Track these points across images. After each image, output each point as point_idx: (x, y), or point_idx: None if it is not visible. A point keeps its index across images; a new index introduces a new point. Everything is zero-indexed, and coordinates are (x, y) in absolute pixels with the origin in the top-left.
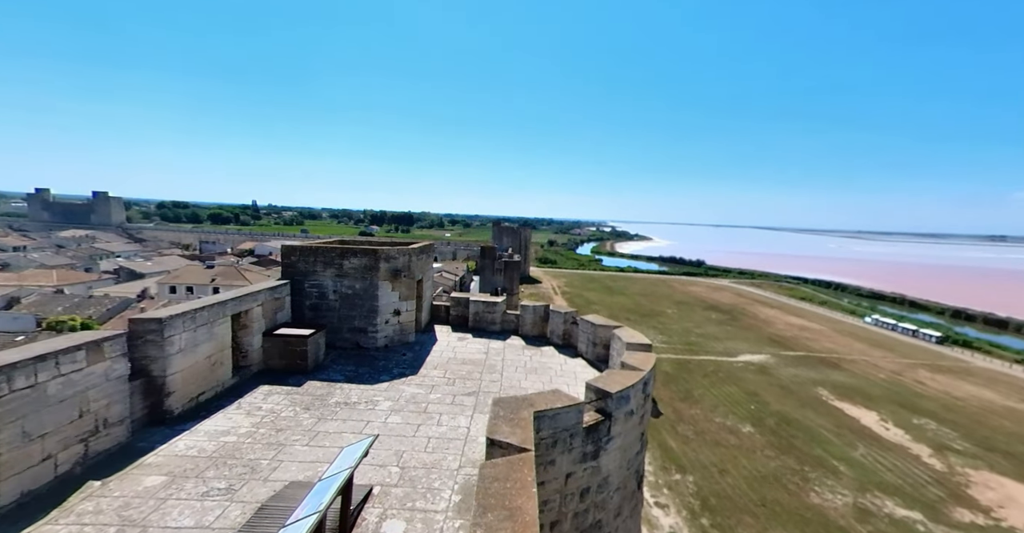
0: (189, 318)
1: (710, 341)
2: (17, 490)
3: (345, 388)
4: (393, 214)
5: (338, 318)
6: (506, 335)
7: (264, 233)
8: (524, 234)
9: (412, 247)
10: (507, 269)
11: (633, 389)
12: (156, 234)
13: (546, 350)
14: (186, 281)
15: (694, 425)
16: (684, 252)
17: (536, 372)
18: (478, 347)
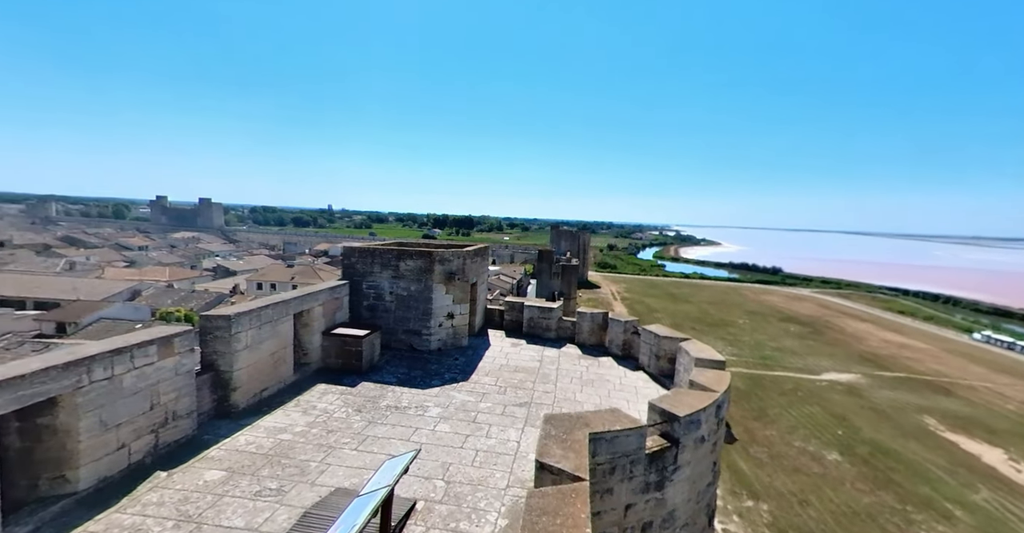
0: (255, 316)
1: (788, 356)
2: (94, 476)
3: (396, 391)
4: (454, 217)
5: (393, 319)
6: (561, 343)
7: (337, 235)
8: (582, 238)
9: (466, 250)
10: (565, 273)
11: (704, 413)
12: (248, 236)
13: (604, 361)
14: (270, 278)
15: (769, 447)
16: (757, 258)
17: (592, 385)
18: (532, 354)
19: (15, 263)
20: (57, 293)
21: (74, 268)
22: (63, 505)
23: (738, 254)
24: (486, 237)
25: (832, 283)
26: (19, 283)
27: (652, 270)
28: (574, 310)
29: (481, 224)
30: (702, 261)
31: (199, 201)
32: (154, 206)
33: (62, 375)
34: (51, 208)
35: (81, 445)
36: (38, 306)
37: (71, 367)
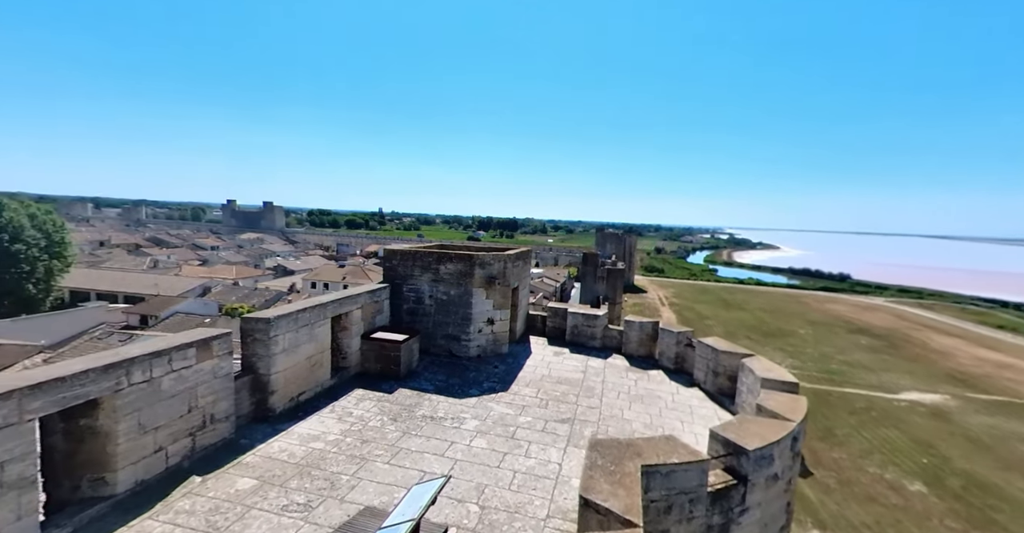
0: (292, 319)
1: (858, 371)
2: (132, 479)
3: (433, 400)
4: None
5: (433, 324)
6: (607, 352)
7: (387, 237)
8: (629, 241)
9: (508, 253)
10: (610, 277)
11: (778, 447)
12: (306, 237)
13: (654, 374)
14: (323, 278)
15: (837, 472)
16: (822, 264)
17: (642, 401)
18: (575, 364)
19: (111, 261)
20: (142, 288)
21: (157, 266)
22: (100, 508)
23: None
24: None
25: (912, 292)
26: (113, 279)
27: (703, 275)
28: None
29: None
30: (758, 266)
31: (263, 205)
32: (225, 209)
33: (101, 377)
34: (142, 212)
35: (119, 448)
36: (127, 300)
37: (110, 369)
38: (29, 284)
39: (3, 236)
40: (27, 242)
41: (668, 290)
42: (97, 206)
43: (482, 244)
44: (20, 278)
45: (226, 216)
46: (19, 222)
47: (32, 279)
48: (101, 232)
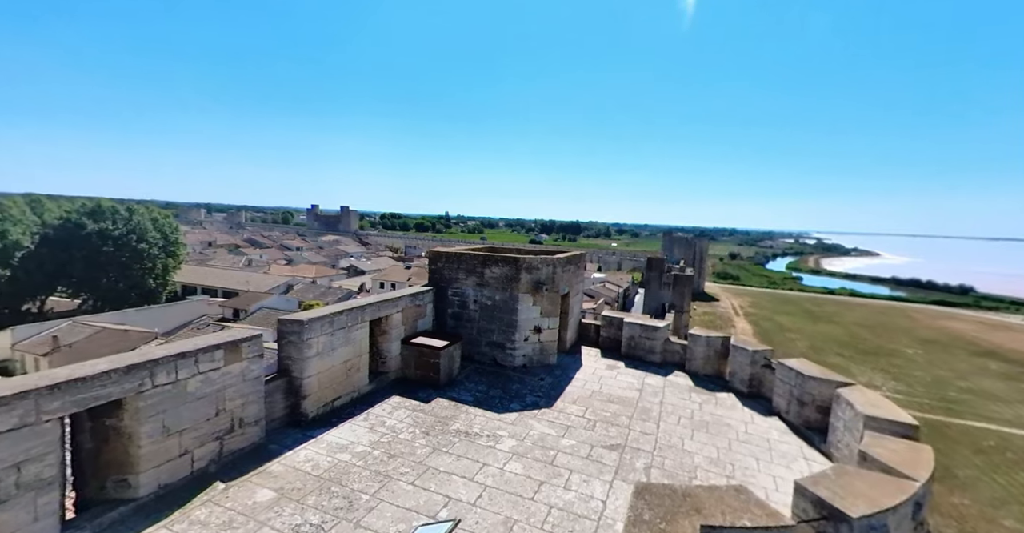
0: (327, 322)
1: (986, 401)
2: (155, 483)
3: (471, 413)
4: (561, 223)
5: (477, 330)
6: (668, 369)
7: (451, 240)
8: (699, 245)
9: (557, 257)
10: (677, 283)
11: (894, 515)
12: (377, 239)
13: (723, 397)
14: (391, 278)
15: (960, 521)
16: (934, 273)
17: (707, 429)
18: (630, 381)
19: (215, 259)
20: (237, 284)
21: (251, 264)
22: (121, 511)
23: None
24: (593, 243)
25: None
26: (215, 275)
27: (785, 283)
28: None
29: (588, 230)
30: (853, 274)
31: (341, 209)
32: (309, 213)
33: (124, 378)
34: (242, 216)
35: (142, 450)
36: (225, 294)
37: (133, 370)
38: (150, 279)
39: (132, 237)
40: (149, 242)
41: (743, 298)
42: (208, 211)
43: (534, 247)
44: (143, 273)
45: (310, 219)
46: (144, 225)
47: (152, 274)
48: (209, 234)
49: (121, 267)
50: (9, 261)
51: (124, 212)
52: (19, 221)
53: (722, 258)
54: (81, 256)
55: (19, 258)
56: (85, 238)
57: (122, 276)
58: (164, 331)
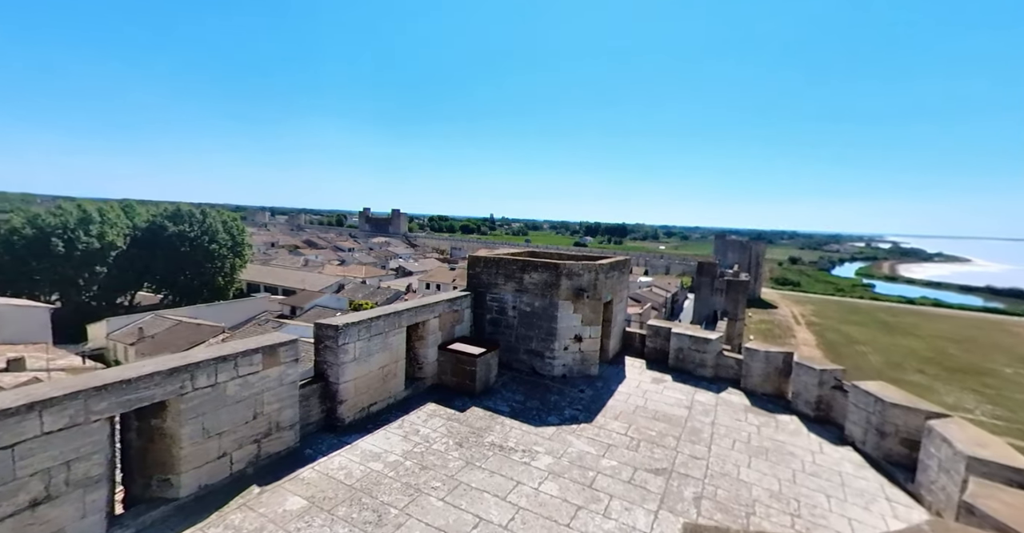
0: (364, 327)
1: None
2: (196, 483)
3: (506, 425)
4: (607, 225)
5: (515, 337)
6: (720, 385)
7: (495, 242)
8: (755, 249)
9: (600, 263)
10: (730, 289)
11: None
12: (425, 241)
13: (784, 421)
14: (436, 279)
15: None
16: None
17: (766, 457)
18: (679, 397)
19: (276, 259)
20: (294, 283)
21: (308, 264)
22: (164, 510)
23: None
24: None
25: None
26: (276, 274)
27: (854, 290)
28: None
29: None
30: (937, 282)
31: (391, 212)
32: (361, 216)
33: (166, 381)
34: (301, 218)
35: (183, 451)
36: (284, 292)
37: (175, 373)
38: (219, 277)
39: (205, 238)
40: (220, 243)
41: (805, 306)
42: (272, 214)
43: (576, 251)
44: (214, 272)
45: (361, 222)
46: (216, 227)
47: (222, 273)
48: (272, 235)
49: (196, 266)
50: (106, 260)
51: (199, 215)
52: (115, 224)
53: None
54: (163, 255)
55: (114, 257)
56: (167, 239)
57: (196, 274)
58: (230, 325)
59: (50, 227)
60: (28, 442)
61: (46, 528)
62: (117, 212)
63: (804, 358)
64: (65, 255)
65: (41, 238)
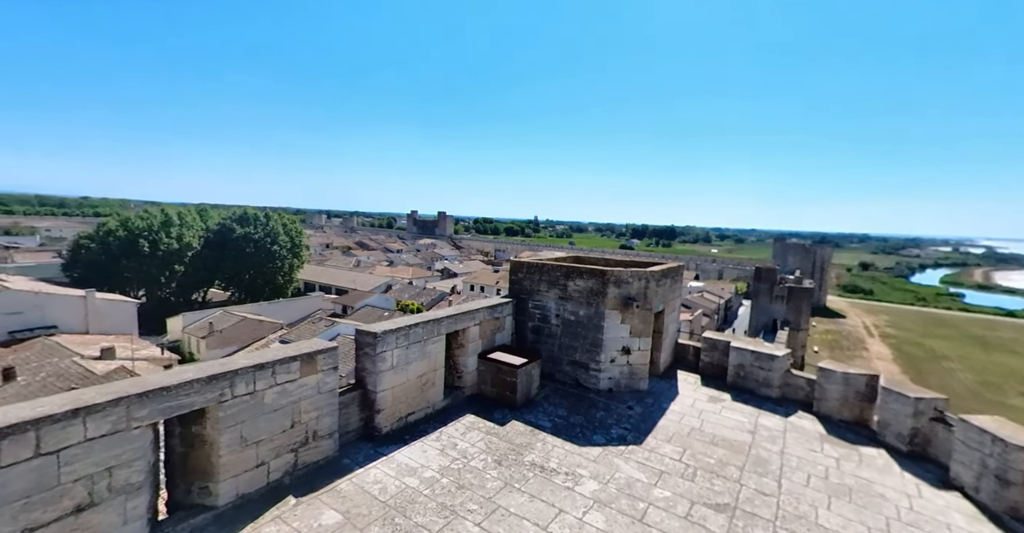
0: (402, 335)
1: None
2: (233, 492)
3: (548, 442)
4: (654, 228)
5: (559, 347)
6: (788, 407)
7: (539, 244)
8: (821, 253)
9: (651, 270)
10: (792, 296)
11: None
12: (470, 243)
13: (870, 454)
14: (480, 281)
15: None
16: None
17: (850, 498)
18: (740, 419)
19: (331, 260)
20: (346, 283)
21: (359, 265)
22: (203, 518)
23: None
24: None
25: None
26: (329, 274)
27: (939, 300)
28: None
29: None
30: None
31: (437, 214)
32: (409, 218)
33: (205, 388)
34: (354, 221)
35: (222, 459)
36: (337, 292)
37: (213, 381)
38: (279, 276)
39: (267, 240)
40: (280, 245)
41: (878, 317)
42: (328, 216)
43: (624, 257)
44: (274, 271)
45: (409, 224)
46: (277, 229)
47: (281, 272)
48: (328, 237)
49: (259, 265)
50: (183, 259)
51: (263, 218)
52: (191, 226)
53: (850, 268)
54: (231, 256)
55: (190, 257)
56: (234, 241)
57: (259, 273)
58: (288, 322)
59: (138, 229)
60: (73, 448)
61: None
62: (193, 215)
63: (893, 382)
64: (150, 255)
65: (131, 239)
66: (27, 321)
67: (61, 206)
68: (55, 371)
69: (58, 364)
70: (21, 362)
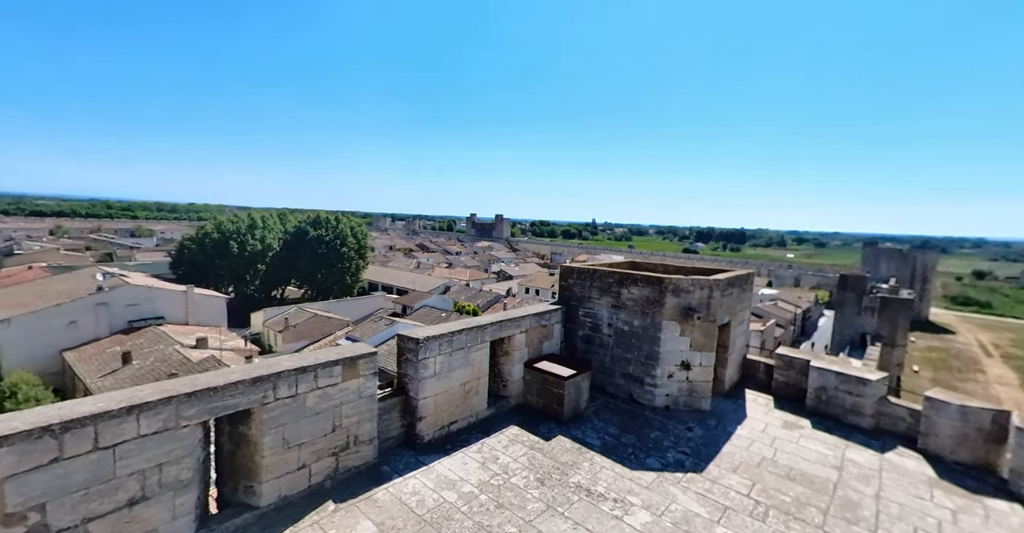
0: (445, 341)
1: None
2: (275, 493)
3: (596, 462)
4: (722, 231)
5: (610, 358)
6: (884, 441)
7: (596, 247)
8: (922, 259)
9: (716, 278)
10: (886, 308)
11: None
12: (526, 246)
13: (998, 508)
14: (535, 284)
15: None
16: None
17: None
18: (822, 452)
19: (393, 261)
20: (406, 284)
21: (419, 267)
22: (246, 518)
23: None
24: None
25: None
26: (391, 275)
27: None
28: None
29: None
30: None
31: (495, 217)
32: (468, 221)
33: (249, 390)
34: (416, 224)
35: (265, 460)
36: (398, 292)
37: (258, 382)
38: (347, 276)
39: (337, 242)
40: (348, 246)
41: (998, 334)
42: (392, 220)
43: (685, 263)
44: (342, 271)
45: (468, 226)
46: (345, 232)
47: (348, 272)
48: (391, 239)
49: (329, 265)
50: (265, 259)
51: (333, 222)
52: (272, 229)
53: (960, 277)
54: (305, 256)
55: (270, 257)
56: (308, 242)
57: (329, 273)
58: (353, 320)
59: (229, 232)
60: (127, 443)
61: (140, 527)
62: (275, 219)
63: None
64: (238, 255)
65: (223, 241)
66: (142, 312)
67: (173, 211)
68: (160, 357)
69: (163, 351)
70: (136, 348)
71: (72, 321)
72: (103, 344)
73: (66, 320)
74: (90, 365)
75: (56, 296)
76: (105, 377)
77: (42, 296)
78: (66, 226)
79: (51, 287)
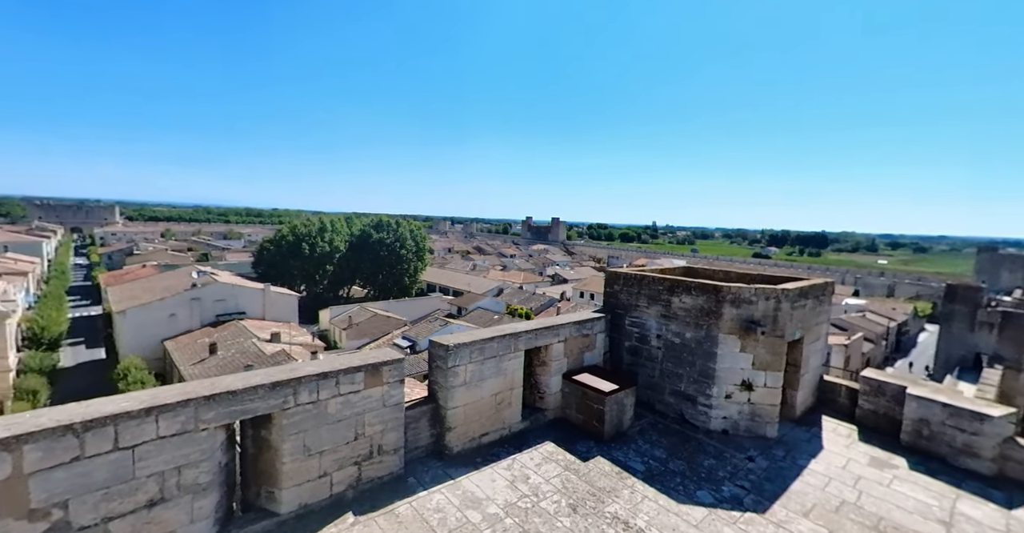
0: (477, 349)
1: None
2: (296, 501)
3: (638, 491)
4: (799, 234)
5: (659, 373)
6: (1011, 493)
7: (656, 251)
8: None
9: (785, 288)
10: (1009, 325)
11: None
12: (582, 249)
13: None
14: (590, 288)
15: None
16: None
17: None
18: (924, 501)
19: (451, 263)
20: (462, 285)
21: (475, 269)
22: (265, 525)
23: None
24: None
25: None
26: (448, 276)
27: None
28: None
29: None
30: None
31: (551, 220)
32: (523, 224)
33: (269, 395)
34: (473, 227)
35: (285, 467)
36: (454, 293)
37: (277, 387)
38: (406, 277)
39: (397, 244)
40: (408, 249)
41: None
42: (452, 223)
43: (751, 269)
44: (402, 273)
45: (523, 229)
46: (405, 235)
47: (407, 274)
48: (450, 242)
49: (390, 267)
50: (333, 260)
51: (394, 225)
52: (340, 232)
53: None
54: (368, 258)
55: (337, 258)
56: (371, 245)
57: (390, 274)
58: (411, 320)
59: (302, 235)
60: (146, 444)
61: (159, 528)
62: (342, 223)
63: None
64: (309, 256)
65: (296, 243)
66: (227, 307)
67: (259, 215)
68: (240, 349)
69: (243, 344)
70: (221, 340)
71: (172, 314)
72: (195, 335)
73: (167, 313)
74: (184, 353)
75: (160, 291)
76: (196, 365)
77: (149, 291)
78: (173, 229)
79: (157, 283)
